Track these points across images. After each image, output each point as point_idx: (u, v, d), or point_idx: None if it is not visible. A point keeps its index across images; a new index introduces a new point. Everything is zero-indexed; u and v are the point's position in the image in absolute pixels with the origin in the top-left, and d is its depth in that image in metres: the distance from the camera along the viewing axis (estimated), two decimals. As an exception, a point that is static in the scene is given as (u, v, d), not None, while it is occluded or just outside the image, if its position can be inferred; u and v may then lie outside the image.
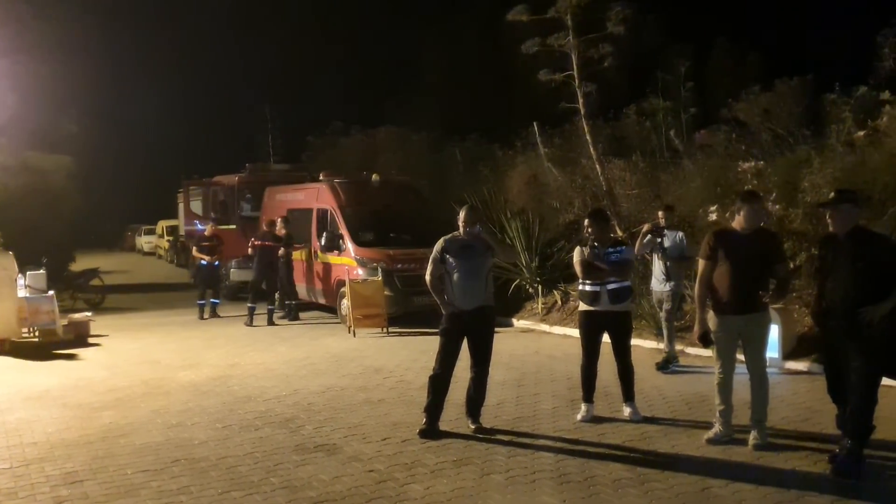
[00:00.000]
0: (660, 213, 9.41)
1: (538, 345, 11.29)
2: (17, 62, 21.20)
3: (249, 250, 14.64)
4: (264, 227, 14.85)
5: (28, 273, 13.11)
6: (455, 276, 6.74)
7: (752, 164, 11.33)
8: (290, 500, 5.35)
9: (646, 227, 9.30)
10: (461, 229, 6.79)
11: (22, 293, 12.62)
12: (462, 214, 6.80)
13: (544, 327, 12.60)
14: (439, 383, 6.79)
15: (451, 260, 6.76)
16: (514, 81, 22.41)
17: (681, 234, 9.15)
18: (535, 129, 15.86)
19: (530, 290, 13.49)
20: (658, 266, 9.16)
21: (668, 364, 9.14)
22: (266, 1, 52.29)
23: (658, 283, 9.20)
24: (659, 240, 9.03)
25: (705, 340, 6.23)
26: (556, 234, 13.85)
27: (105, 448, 6.62)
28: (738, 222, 6.15)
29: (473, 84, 27.20)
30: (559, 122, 15.90)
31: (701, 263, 6.26)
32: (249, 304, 14.15)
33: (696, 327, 6.36)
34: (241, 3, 49.51)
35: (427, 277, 6.92)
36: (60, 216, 21.53)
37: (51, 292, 13.11)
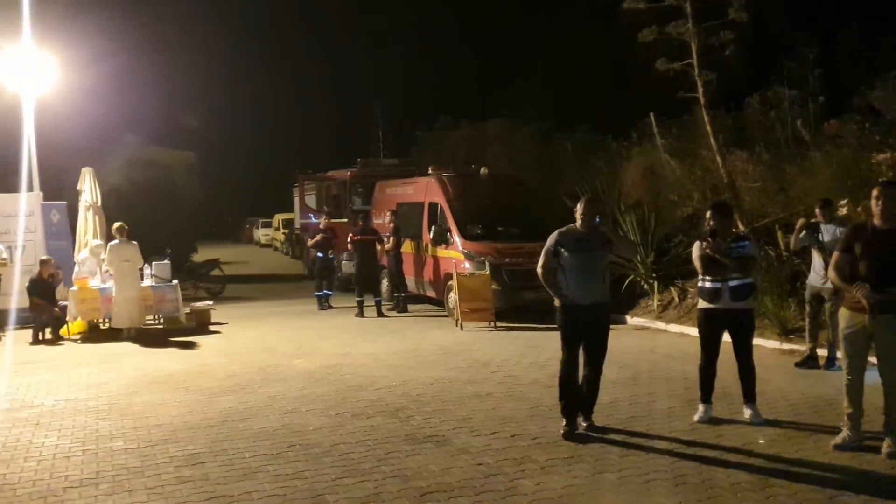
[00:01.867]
0: (816, 210, 9.06)
1: (653, 343, 10.96)
2: (143, 63, 22.39)
3: (349, 245, 15.03)
4: (360, 222, 15.28)
5: (154, 263, 13.74)
6: (571, 270, 6.44)
7: (888, 154, 10.61)
8: (402, 488, 5.37)
9: (800, 221, 8.99)
10: (578, 222, 6.50)
11: (148, 282, 13.26)
12: (580, 206, 6.51)
13: (660, 325, 12.22)
14: (568, 384, 6.53)
15: (566, 254, 6.45)
16: (628, 71, 21.84)
17: (840, 228, 8.70)
18: (652, 119, 15.42)
19: (645, 286, 13.11)
20: (817, 261, 8.81)
21: (832, 363, 8.71)
22: (375, -2, 53.13)
23: (817, 279, 8.84)
24: (816, 234, 8.67)
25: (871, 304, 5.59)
26: (674, 229, 13.42)
27: (225, 432, 6.85)
28: (875, 216, 5.74)
29: (585, 74, 26.72)
30: (677, 113, 15.37)
31: (835, 255, 5.91)
32: (358, 298, 14.43)
33: (854, 294, 5.71)
34: (351, 2, 50.52)
35: (538, 269, 6.65)
36: (183, 209, 22.60)
37: (175, 282, 13.69)
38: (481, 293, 12.54)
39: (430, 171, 15.40)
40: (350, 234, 15.08)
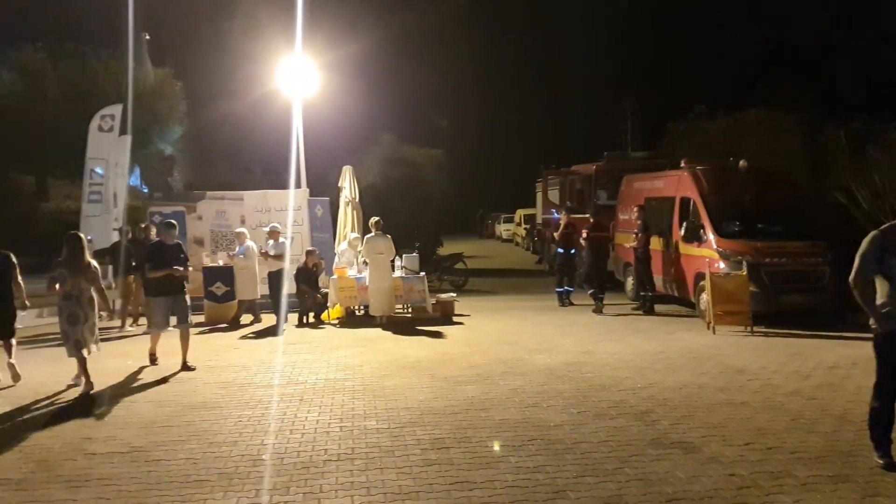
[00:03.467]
0: None
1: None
2: (398, 66, 23.71)
3: (583, 242, 14.83)
4: (590, 219, 15.20)
5: (404, 255, 14.46)
6: None
7: None
8: (646, 493, 5.12)
9: None
10: None
11: (398, 273, 13.96)
12: None
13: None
14: (879, 416, 5.63)
15: (893, 261, 5.38)
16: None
17: None
18: None
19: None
20: None
21: None
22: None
23: None
24: None
25: None
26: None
27: (468, 420, 6.98)
28: None
29: (861, 57, 24.15)
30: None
31: None
32: (590, 292, 14.35)
33: None
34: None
35: (853, 280, 5.58)
36: (431, 205, 23.62)
37: (422, 273, 14.31)
38: (737, 295, 11.73)
39: (682, 165, 14.69)
40: (584, 231, 14.90)
